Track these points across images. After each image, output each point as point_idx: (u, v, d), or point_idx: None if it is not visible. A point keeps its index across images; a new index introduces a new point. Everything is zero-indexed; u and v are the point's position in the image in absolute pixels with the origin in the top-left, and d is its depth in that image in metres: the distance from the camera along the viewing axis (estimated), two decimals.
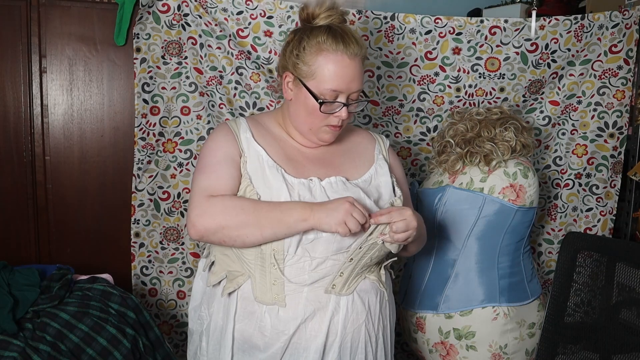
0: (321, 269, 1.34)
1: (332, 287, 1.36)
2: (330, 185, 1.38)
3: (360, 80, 1.38)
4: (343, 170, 1.44)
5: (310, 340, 1.35)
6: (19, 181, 2.03)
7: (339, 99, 1.37)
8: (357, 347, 1.39)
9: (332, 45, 1.34)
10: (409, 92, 2.10)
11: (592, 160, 2.17)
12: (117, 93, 2.08)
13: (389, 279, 1.52)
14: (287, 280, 1.34)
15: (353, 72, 1.36)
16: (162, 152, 2.05)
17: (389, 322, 1.49)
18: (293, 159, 1.42)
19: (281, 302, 1.34)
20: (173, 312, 2.16)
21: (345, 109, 1.38)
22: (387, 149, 1.57)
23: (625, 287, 1.64)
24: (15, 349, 1.57)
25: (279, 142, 1.45)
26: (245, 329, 1.37)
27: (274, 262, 1.33)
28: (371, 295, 1.42)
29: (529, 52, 2.07)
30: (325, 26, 1.38)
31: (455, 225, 1.80)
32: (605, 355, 1.63)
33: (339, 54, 1.34)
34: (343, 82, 1.35)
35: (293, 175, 1.37)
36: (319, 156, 1.46)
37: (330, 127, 1.40)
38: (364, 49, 1.39)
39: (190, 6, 1.94)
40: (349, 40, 1.36)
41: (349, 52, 1.35)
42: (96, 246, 2.12)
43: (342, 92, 1.36)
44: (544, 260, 2.28)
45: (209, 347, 1.43)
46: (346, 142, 1.53)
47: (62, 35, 2.00)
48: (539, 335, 1.81)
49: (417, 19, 2.03)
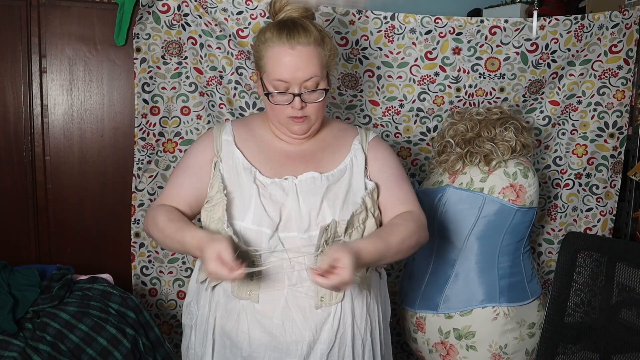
0: (297, 269, 1.34)
1: (321, 299, 1.36)
2: (301, 183, 1.39)
3: (308, 68, 1.35)
4: (320, 165, 1.44)
5: (291, 344, 1.36)
6: (19, 181, 2.03)
7: (290, 90, 1.37)
8: (345, 352, 1.40)
9: (276, 36, 1.36)
10: (409, 92, 2.10)
11: (592, 160, 2.17)
12: (117, 93, 2.08)
13: (377, 278, 1.52)
14: (264, 277, 1.35)
15: (297, 61, 1.35)
16: (162, 152, 2.05)
17: (377, 322, 1.48)
18: (272, 159, 1.44)
19: (254, 299, 1.35)
20: (173, 312, 2.16)
21: (297, 99, 1.37)
22: (368, 141, 1.52)
23: (625, 287, 1.65)
24: (15, 349, 1.57)
25: (262, 142, 1.47)
26: (225, 324, 1.39)
27: (253, 259, 1.34)
28: (356, 298, 1.41)
29: (529, 52, 2.07)
30: (278, 21, 1.41)
31: (455, 225, 1.80)
32: (605, 355, 1.63)
33: (280, 45, 1.35)
34: (286, 71, 1.35)
35: (268, 175, 1.40)
36: (301, 152, 1.47)
37: (294, 119, 1.41)
38: (314, 36, 1.36)
39: (190, 6, 1.94)
40: (295, 30, 1.36)
41: (293, 41, 1.34)
42: (96, 246, 2.12)
43: (288, 82, 1.36)
44: (544, 260, 2.28)
45: (197, 340, 1.46)
46: (329, 137, 1.52)
47: (62, 35, 2.00)
48: (539, 335, 1.81)
49: (417, 19, 2.03)
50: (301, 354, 1.36)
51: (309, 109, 1.40)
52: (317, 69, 1.37)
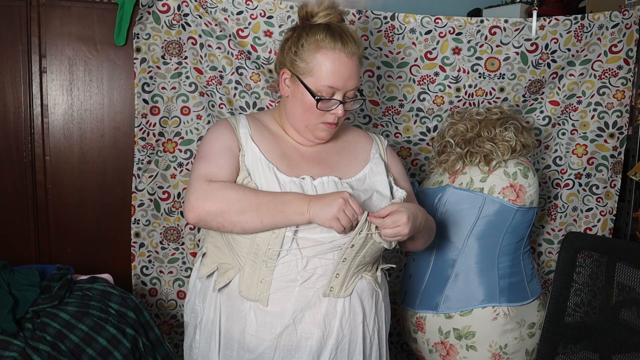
0: (311, 268, 1.34)
1: (330, 289, 1.36)
2: (322, 185, 1.38)
3: (356, 78, 1.40)
4: (337, 169, 1.44)
5: (302, 341, 1.35)
6: (19, 181, 2.03)
7: (335, 97, 1.38)
8: (355, 349, 1.39)
9: (331, 43, 1.35)
10: (409, 92, 2.10)
11: (592, 160, 2.17)
12: (117, 93, 2.08)
13: (385, 280, 1.52)
14: (275, 279, 1.34)
15: (350, 70, 1.37)
16: (162, 152, 2.05)
17: (384, 323, 1.49)
18: (288, 156, 1.43)
19: (264, 301, 1.35)
20: (173, 312, 2.16)
21: (341, 107, 1.39)
22: (385, 148, 1.57)
23: (625, 287, 1.65)
24: (15, 349, 1.57)
25: (276, 139, 1.46)
26: (232, 327, 1.38)
27: (266, 260, 1.33)
28: (367, 296, 1.42)
29: (529, 52, 2.07)
30: (324, 24, 1.39)
31: (455, 225, 1.80)
32: (605, 355, 1.63)
33: (336, 52, 1.35)
34: (340, 79, 1.36)
35: (285, 173, 1.38)
36: (314, 154, 1.46)
37: (326, 125, 1.41)
38: (361, 49, 1.40)
39: (190, 6, 1.94)
40: (347, 38, 1.37)
41: (347, 50, 1.36)
42: (96, 246, 2.12)
43: (338, 89, 1.37)
44: (544, 260, 2.28)
45: (201, 340, 1.45)
46: (343, 141, 1.53)
47: (62, 35, 2.00)
48: (539, 335, 1.81)
49: (417, 19, 2.03)
50: (310, 350, 1.35)
51: (342, 116, 1.42)
52: (359, 78, 1.42)
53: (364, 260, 1.38)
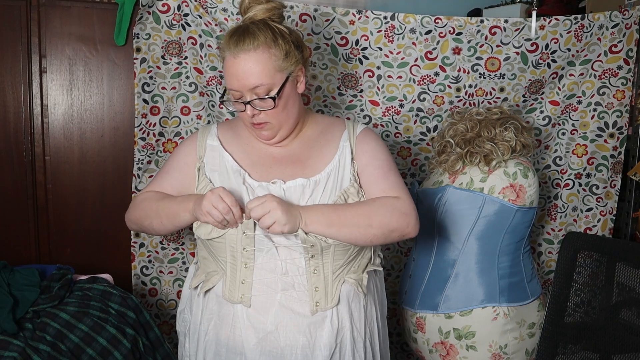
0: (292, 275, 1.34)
1: (316, 304, 1.36)
2: (289, 189, 1.37)
3: (254, 76, 1.31)
4: (308, 165, 1.42)
5: (286, 348, 1.35)
6: (19, 181, 2.03)
7: (242, 98, 1.35)
8: (345, 356, 1.39)
9: (227, 44, 1.34)
10: (409, 92, 2.10)
11: (592, 160, 2.17)
12: (117, 93, 2.08)
13: (375, 281, 1.51)
14: (256, 280, 1.35)
15: (243, 69, 1.31)
16: (162, 152, 2.05)
17: (375, 324, 1.48)
18: (259, 162, 1.43)
19: (246, 302, 1.35)
20: (173, 312, 2.15)
21: (249, 107, 1.35)
22: (356, 135, 1.47)
23: (625, 287, 1.64)
24: (15, 349, 1.57)
25: (248, 145, 1.46)
26: (219, 332, 1.39)
27: (245, 260, 1.34)
28: (353, 300, 1.41)
29: (529, 52, 2.07)
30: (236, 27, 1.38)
31: (455, 225, 1.80)
32: (605, 355, 1.63)
33: (231, 53, 1.33)
34: (235, 80, 1.33)
35: (256, 178, 1.40)
36: (286, 154, 1.45)
37: (253, 125, 1.40)
38: (260, 41, 1.31)
39: (190, 6, 1.94)
40: (241, 37, 1.32)
41: (237, 49, 1.32)
42: (96, 246, 2.12)
43: (238, 90, 1.34)
44: (544, 260, 2.28)
45: (191, 347, 1.46)
46: (315, 133, 1.49)
47: (62, 35, 2.00)
48: (539, 335, 1.81)
49: (417, 19, 2.03)
50: (295, 359, 1.35)
51: (267, 116, 1.36)
52: (264, 75, 1.32)
53: (338, 264, 1.37)
